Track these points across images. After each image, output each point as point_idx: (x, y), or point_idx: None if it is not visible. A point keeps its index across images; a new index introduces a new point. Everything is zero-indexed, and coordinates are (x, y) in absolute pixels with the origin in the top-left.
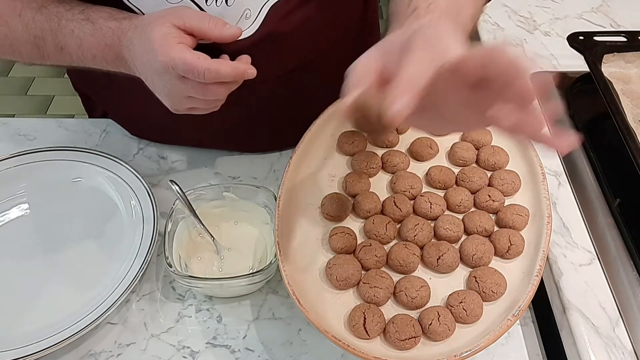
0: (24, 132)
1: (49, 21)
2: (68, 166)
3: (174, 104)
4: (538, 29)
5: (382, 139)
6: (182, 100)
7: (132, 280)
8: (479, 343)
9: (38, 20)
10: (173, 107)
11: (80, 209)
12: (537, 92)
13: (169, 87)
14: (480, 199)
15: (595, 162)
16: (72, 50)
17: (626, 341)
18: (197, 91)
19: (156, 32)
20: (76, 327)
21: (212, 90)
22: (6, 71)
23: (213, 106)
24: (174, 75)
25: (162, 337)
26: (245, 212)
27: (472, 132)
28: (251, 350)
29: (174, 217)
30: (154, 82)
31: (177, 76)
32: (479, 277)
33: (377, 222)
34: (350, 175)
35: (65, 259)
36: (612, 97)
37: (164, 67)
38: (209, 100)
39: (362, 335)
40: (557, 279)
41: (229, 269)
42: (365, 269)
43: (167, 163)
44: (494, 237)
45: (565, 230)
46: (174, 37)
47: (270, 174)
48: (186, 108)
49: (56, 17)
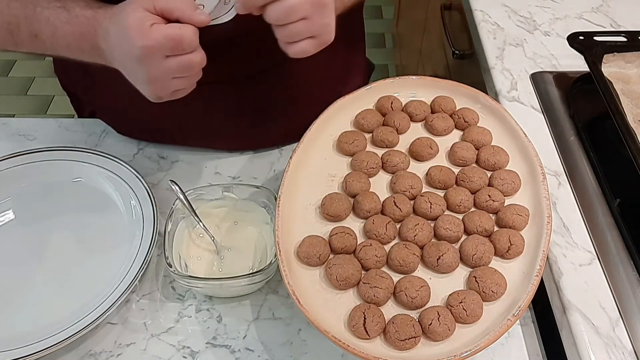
0: (23, 132)
1: (24, 7)
2: (68, 166)
3: (157, 90)
4: (538, 29)
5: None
6: (166, 83)
7: (132, 280)
8: (479, 343)
9: (13, 7)
10: (156, 93)
11: (80, 209)
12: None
13: (154, 72)
14: (480, 199)
15: (595, 162)
16: (46, 38)
17: (626, 341)
18: (182, 67)
19: (130, 18)
20: (76, 327)
21: (195, 61)
22: (6, 71)
23: (193, 82)
24: (159, 57)
25: (162, 337)
26: (245, 212)
27: (472, 132)
28: (251, 350)
29: (174, 217)
30: (134, 70)
31: (162, 58)
32: (479, 277)
33: (377, 222)
34: (350, 175)
35: (65, 259)
36: (612, 97)
37: (146, 52)
38: (191, 77)
39: (362, 335)
40: (557, 279)
41: (229, 269)
42: (365, 269)
43: (167, 163)
44: (494, 237)
45: (565, 230)
46: (148, 20)
47: (270, 174)
48: (170, 92)
49: (32, 4)
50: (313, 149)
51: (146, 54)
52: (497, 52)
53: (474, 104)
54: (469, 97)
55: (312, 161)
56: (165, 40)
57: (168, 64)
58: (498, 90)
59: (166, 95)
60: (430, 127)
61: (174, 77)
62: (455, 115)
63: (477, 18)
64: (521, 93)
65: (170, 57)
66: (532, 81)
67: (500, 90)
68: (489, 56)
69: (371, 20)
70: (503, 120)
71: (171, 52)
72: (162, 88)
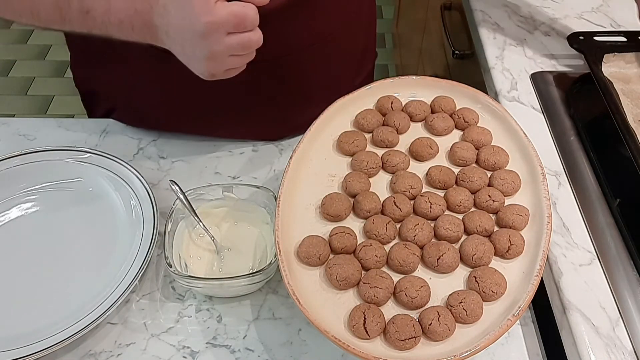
0: (24, 132)
1: None
2: (68, 166)
3: (213, 67)
4: (538, 29)
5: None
6: (224, 60)
7: (132, 280)
8: (479, 343)
9: None
10: (211, 70)
11: (80, 209)
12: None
13: (215, 48)
14: (480, 199)
15: (595, 162)
16: (98, 15)
17: (626, 341)
18: (242, 45)
19: None
20: (76, 327)
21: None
22: (6, 71)
23: (248, 61)
24: (222, 33)
25: (162, 337)
26: (245, 212)
27: (472, 132)
28: (251, 350)
29: (174, 217)
30: (193, 47)
31: (224, 34)
32: (479, 277)
33: (377, 222)
34: (350, 175)
35: (65, 259)
36: (612, 97)
37: (209, 29)
38: (246, 55)
39: (362, 335)
40: (557, 279)
41: (229, 269)
42: (365, 269)
43: (167, 163)
44: (494, 237)
45: (565, 230)
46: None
47: (270, 174)
48: (224, 70)
49: None
50: (313, 149)
51: (210, 30)
52: (497, 52)
53: (474, 104)
54: (469, 97)
55: (312, 161)
56: (230, 16)
57: (229, 41)
58: (498, 90)
59: (220, 73)
60: (430, 127)
61: (231, 55)
62: (455, 115)
63: (477, 18)
64: (521, 93)
65: (232, 34)
66: (532, 81)
67: (500, 90)
68: (489, 56)
69: None
70: (503, 120)
71: (234, 29)
72: (219, 64)
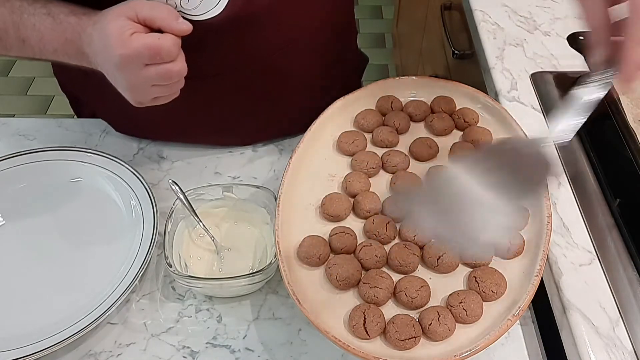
0: (23, 132)
1: (11, 14)
2: (68, 166)
3: (137, 97)
4: (538, 29)
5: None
6: (146, 90)
7: (132, 280)
8: (479, 343)
9: (0, 13)
10: (136, 99)
11: (80, 209)
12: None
13: (133, 80)
14: None
15: (595, 162)
16: (34, 43)
17: (626, 341)
18: (162, 76)
19: (111, 26)
20: (76, 327)
21: (174, 70)
22: (6, 71)
23: (175, 90)
24: (137, 66)
25: (162, 337)
26: (245, 212)
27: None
28: (251, 350)
29: (174, 217)
30: (115, 77)
31: (141, 66)
32: (479, 277)
33: (377, 222)
34: (350, 175)
35: (65, 259)
36: (612, 97)
37: (125, 60)
38: (172, 85)
39: (362, 335)
40: (557, 279)
41: (229, 269)
42: (365, 269)
43: (167, 163)
44: None
45: (565, 230)
46: (129, 29)
47: (270, 174)
48: (150, 99)
49: (18, 10)
50: (313, 149)
51: (125, 62)
52: (497, 52)
53: (474, 104)
54: (469, 97)
55: (312, 161)
56: (143, 49)
57: (147, 72)
58: (498, 90)
59: (146, 101)
60: (430, 127)
61: (153, 85)
62: (455, 115)
63: (477, 18)
64: (521, 93)
65: (150, 65)
66: (532, 81)
67: (500, 90)
68: (489, 56)
69: (371, 20)
70: (503, 120)
71: (150, 61)
72: (142, 95)
